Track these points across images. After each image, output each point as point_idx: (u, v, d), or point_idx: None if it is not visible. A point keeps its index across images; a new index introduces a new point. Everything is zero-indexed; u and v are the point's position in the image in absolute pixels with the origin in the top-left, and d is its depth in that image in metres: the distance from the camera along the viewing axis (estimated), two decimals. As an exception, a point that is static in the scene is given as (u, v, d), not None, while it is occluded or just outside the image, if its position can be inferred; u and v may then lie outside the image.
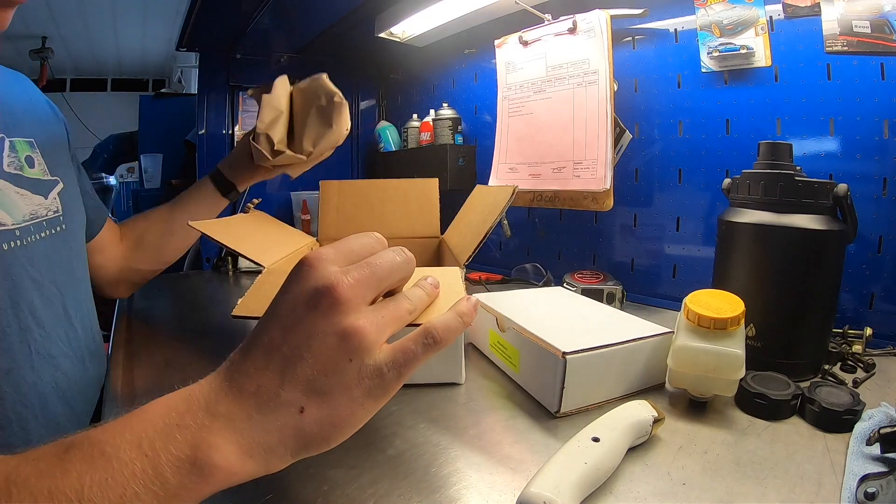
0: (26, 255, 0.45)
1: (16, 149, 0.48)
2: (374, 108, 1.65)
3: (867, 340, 0.61)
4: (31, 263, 0.45)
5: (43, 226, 0.48)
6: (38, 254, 0.47)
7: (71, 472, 0.21)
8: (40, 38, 3.69)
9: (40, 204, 0.49)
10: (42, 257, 0.47)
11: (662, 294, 0.89)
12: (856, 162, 0.67)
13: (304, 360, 0.25)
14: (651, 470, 0.38)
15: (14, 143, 0.48)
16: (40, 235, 0.48)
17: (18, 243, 0.44)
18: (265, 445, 0.25)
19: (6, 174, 0.45)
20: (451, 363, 0.53)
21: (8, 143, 0.47)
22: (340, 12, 1.12)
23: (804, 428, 0.44)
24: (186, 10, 1.10)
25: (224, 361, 0.27)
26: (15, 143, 0.48)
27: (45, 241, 0.48)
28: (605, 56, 0.86)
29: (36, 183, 0.49)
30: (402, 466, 0.39)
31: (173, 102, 2.32)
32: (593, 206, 0.89)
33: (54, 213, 0.51)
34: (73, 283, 0.53)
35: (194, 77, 2.93)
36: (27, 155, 0.49)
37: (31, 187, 0.48)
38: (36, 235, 0.47)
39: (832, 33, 0.67)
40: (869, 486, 0.33)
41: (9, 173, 0.46)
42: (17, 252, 0.44)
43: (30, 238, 0.46)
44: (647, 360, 0.50)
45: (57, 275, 0.49)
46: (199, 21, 1.14)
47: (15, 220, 0.45)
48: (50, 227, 0.50)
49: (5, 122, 0.48)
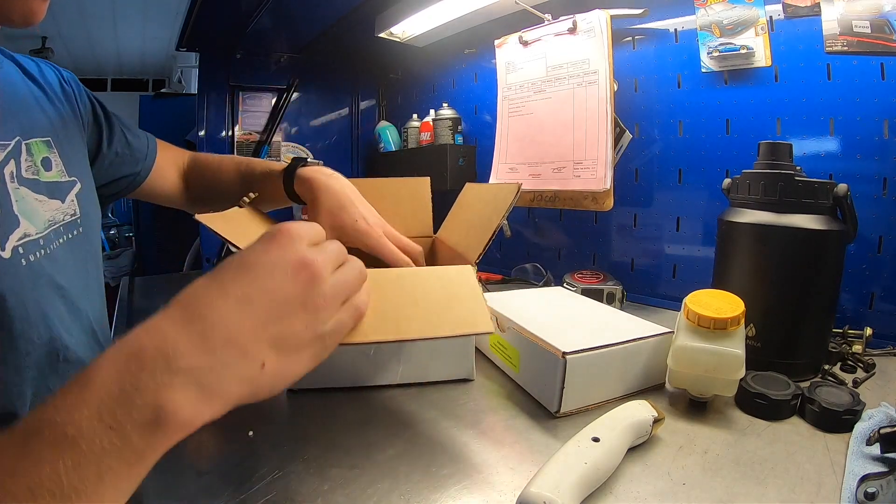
0: (50, 263, 0.44)
1: (32, 151, 0.46)
2: (374, 108, 1.65)
3: (867, 340, 0.61)
4: (55, 271, 0.44)
5: (61, 231, 0.47)
6: (61, 260, 0.46)
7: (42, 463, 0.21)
8: (40, 38, 3.70)
9: (58, 209, 0.47)
10: (64, 263, 0.46)
11: (662, 294, 0.89)
12: (856, 162, 0.67)
13: (276, 321, 0.27)
14: (651, 470, 0.38)
15: (31, 145, 0.46)
16: (60, 241, 0.47)
17: (43, 252, 0.43)
18: (223, 395, 0.25)
19: (25, 180, 0.44)
20: (463, 361, 0.55)
21: (25, 147, 0.45)
22: (340, 12, 1.12)
23: (804, 428, 0.44)
24: (186, 10, 1.10)
25: (174, 300, 0.27)
26: (31, 146, 0.46)
27: (64, 246, 0.47)
28: (605, 56, 0.86)
29: (53, 186, 0.47)
30: (402, 466, 0.39)
31: (173, 102, 2.32)
32: (593, 206, 0.89)
33: (72, 217, 0.49)
34: (90, 287, 0.52)
35: (194, 77, 2.93)
36: (44, 157, 0.47)
37: (49, 191, 0.47)
38: (56, 242, 0.46)
39: (832, 33, 0.67)
40: (869, 486, 0.33)
41: (27, 179, 0.44)
42: (42, 262, 0.43)
43: (52, 246, 0.45)
44: (647, 360, 0.50)
45: (76, 280, 0.48)
46: (199, 21, 1.14)
47: (38, 229, 0.44)
48: (68, 232, 0.48)
49: (21, 122, 0.46)
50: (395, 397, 0.51)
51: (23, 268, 0.40)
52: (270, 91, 1.47)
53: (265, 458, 0.40)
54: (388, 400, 0.51)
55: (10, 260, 0.39)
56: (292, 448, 0.41)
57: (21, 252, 0.40)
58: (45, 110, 0.51)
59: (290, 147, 1.53)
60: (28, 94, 0.49)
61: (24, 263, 0.40)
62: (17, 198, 0.42)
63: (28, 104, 0.49)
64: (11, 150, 0.43)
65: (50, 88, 0.53)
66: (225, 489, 0.35)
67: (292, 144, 1.53)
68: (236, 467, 0.39)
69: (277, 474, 0.37)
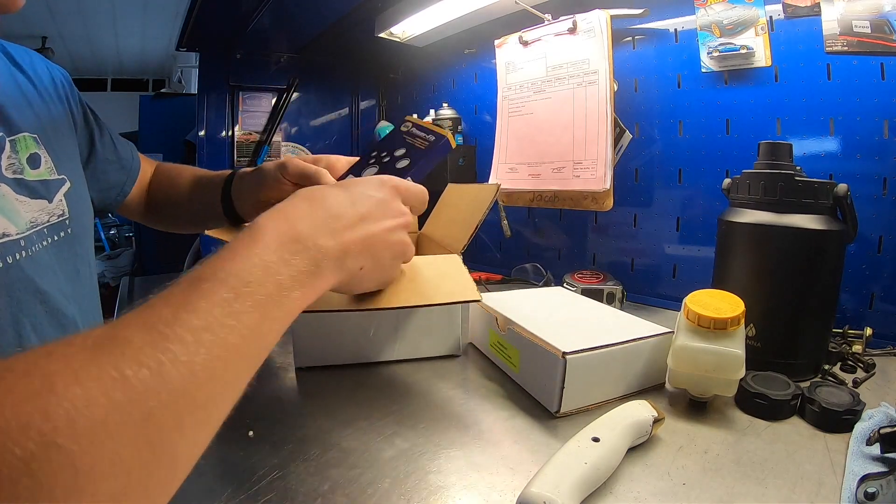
0: (32, 265, 0.42)
1: (17, 148, 0.44)
2: (374, 108, 1.65)
3: (867, 340, 0.61)
4: (37, 274, 0.42)
5: (45, 232, 0.45)
6: (44, 263, 0.43)
7: (216, 302, 0.24)
8: (40, 38, 3.70)
9: (43, 209, 0.45)
10: (48, 266, 0.44)
11: (662, 294, 0.89)
12: (856, 162, 0.67)
13: (377, 244, 0.36)
14: (651, 470, 0.38)
15: (16, 141, 0.44)
16: (44, 243, 0.44)
17: (24, 254, 0.41)
18: (342, 273, 0.34)
19: (5, 178, 0.42)
20: (450, 338, 0.62)
21: (9, 144, 0.43)
22: (340, 12, 1.12)
23: (804, 428, 0.44)
24: (186, 10, 1.10)
25: (288, 206, 0.33)
26: (17, 142, 0.44)
27: (50, 247, 0.45)
28: (605, 56, 0.86)
29: (39, 185, 0.45)
30: (402, 466, 0.39)
31: (173, 102, 2.32)
32: (593, 206, 0.89)
33: (59, 217, 0.47)
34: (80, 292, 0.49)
35: (194, 77, 2.93)
36: (32, 153, 0.45)
37: (34, 190, 0.45)
38: (41, 243, 0.44)
39: (832, 33, 0.67)
40: (869, 486, 0.33)
41: (9, 178, 0.42)
42: (22, 264, 0.41)
43: (35, 247, 0.43)
44: (647, 360, 0.50)
45: (63, 284, 0.46)
46: (199, 21, 1.14)
47: (20, 229, 0.41)
48: (54, 233, 0.46)
49: (6, 117, 0.44)
50: (393, 398, 0.51)
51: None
52: (270, 91, 1.47)
53: (265, 458, 0.40)
54: (388, 400, 0.51)
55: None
56: (292, 448, 0.41)
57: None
58: (34, 105, 0.49)
59: (290, 147, 1.53)
60: (15, 88, 0.47)
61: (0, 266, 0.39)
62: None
63: (15, 98, 0.46)
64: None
65: (40, 83, 0.51)
66: (225, 489, 0.35)
67: (292, 144, 1.53)
68: (236, 467, 0.39)
69: (277, 474, 0.37)
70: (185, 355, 0.22)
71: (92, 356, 0.20)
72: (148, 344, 0.21)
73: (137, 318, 0.22)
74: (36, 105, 0.49)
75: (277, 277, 0.28)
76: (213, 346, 0.23)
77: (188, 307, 0.23)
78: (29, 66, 0.51)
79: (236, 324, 0.24)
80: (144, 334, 0.21)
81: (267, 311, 0.27)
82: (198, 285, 0.25)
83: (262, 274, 0.27)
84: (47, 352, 0.20)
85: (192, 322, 0.23)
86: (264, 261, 0.28)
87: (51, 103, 0.52)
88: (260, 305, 0.26)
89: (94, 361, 0.20)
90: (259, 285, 0.27)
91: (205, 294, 0.24)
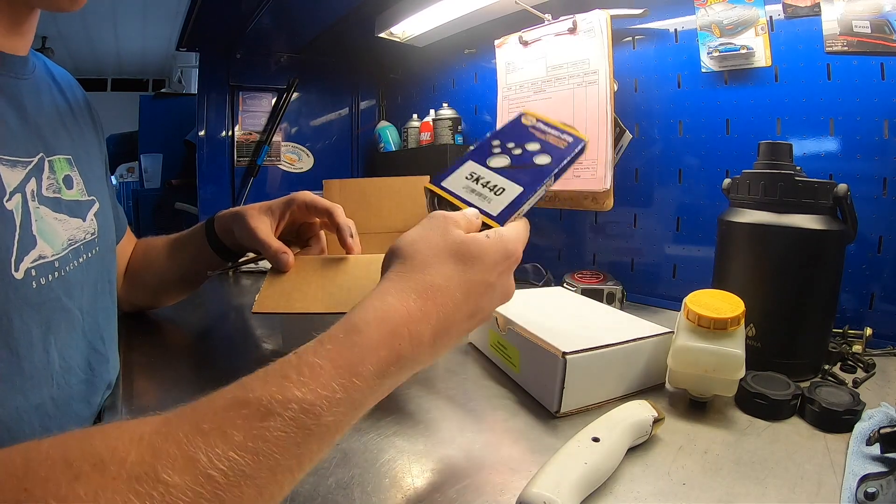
0: (62, 284, 0.42)
1: (54, 169, 0.44)
2: (374, 108, 1.65)
3: (867, 340, 0.61)
4: (65, 293, 0.42)
5: (80, 250, 0.46)
6: (73, 281, 0.44)
7: (289, 444, 0.23)
8: (40, 38, 3.70)
9: (79, 227, 0.46)
10: (75, 284, 0.44)
11: (662, 294, 0.89)
12: (856, 162, 0.67)
13: (478, 312, 0.35)
14: (651, 470, 0.38)
15: (53, 162, 0.44)
16: (79, 261, 0.45)
17: (57, 275, 0.41)
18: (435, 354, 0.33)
19: (45, 199, 0.42)
20: None
21: (48, 164, 0.43)
22: (340, 12, 1.12)
23: (804, 428, 0.44)
24: (186, 10, 1.11)
25: (410, 283, 0.32)
26: (54, 163, 0.45)
27: (80, 267, 0.45)
28: (605, 56, 0.86)
29: (74, 205, 0.46)
30: (402, 466, 0.39)
31: (173, 102, 2.31)
32: (593, 206, 0.89)
33: (91, 236, 0.48)
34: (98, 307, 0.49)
35: (194, 77, 2.92)
36: (66, 174, 0.46)
37: (70, 210, 0.45)
38: (74, 263, 0.44)
39: (832, 33, 0.67)
40: (869, 486, 0.33)
41: (48, 198, 0.42)
42: (53, 284, 0.41)
43: (68, 267, 0.43)
44: (647, 360, 0.50)
45: (85, 300, 0.46)
46: (199, 21, 1.14)
47: (55, 251, 0.42)
48: (86, 252, 0.47)
49: (45, 138, 0.44)
50: (394, 397, 0.51)
51: (32, 290, 0.39)
52: (270, 91, 1.47)
53: (265, 458, 0.40)
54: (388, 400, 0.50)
55: (22, 281, 0.38)
56: (292, 448, 0.41)
57: (33, 275, 0.39)
58: (68, 126, 0.50)
59: (290, 147, 1.53)
60: (53, 108, 0.48)
61: (34, 286, 0.39)
62: (36, 217, 0.40)
63: (53, 118, 0.47)
64: (33, 168, 0.41)
65: (75, 101, 0.52)
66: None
67: (292, 144, 1.53)
68: (236, 467, 0.39)
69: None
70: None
71: (125, 496, 0.19)
72: (190, 487, 0.20)
73: (182, 450, 0.21)
74: (70, 126, 0.50)
75: (356, 412, 0.27)
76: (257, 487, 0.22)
77: (244, 447, 0.22)
78: (68, 88, 0.53)
79: (294, 464, 0.24)
80: (185, 475, 0.20)
81: (327, 440, 0.25)
82: (262, 420, 0.23)
83: (344, 412, 0.25)
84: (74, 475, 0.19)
85: (242, 468, 0.21)
86: (351, 397, 0.26)
87: (83, 122, 0.53)
88: (325, 438, 0.25)
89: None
90: (336, 424, 0.25)
91: (264, 434, 0.23)
